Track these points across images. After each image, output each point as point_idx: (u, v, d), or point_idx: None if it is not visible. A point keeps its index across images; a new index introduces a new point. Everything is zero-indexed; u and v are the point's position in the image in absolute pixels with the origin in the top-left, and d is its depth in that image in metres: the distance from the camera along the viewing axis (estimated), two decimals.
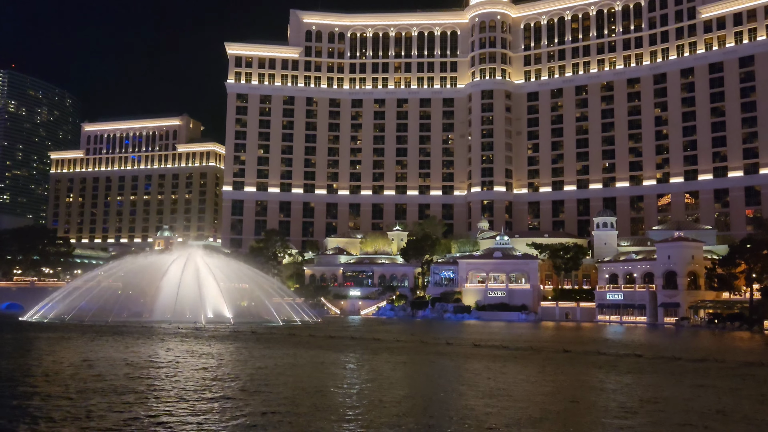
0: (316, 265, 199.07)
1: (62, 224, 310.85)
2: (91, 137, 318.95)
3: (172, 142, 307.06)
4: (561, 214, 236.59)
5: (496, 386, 44.84)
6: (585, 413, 36.18)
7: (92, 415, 32.60)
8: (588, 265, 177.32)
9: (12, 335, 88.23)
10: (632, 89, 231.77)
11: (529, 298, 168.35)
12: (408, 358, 64.38)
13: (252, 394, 40.59)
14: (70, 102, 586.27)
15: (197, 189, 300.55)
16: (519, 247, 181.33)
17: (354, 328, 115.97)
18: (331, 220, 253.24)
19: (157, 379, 46.05)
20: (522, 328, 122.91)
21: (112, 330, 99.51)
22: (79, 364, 54.26)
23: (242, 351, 70.36)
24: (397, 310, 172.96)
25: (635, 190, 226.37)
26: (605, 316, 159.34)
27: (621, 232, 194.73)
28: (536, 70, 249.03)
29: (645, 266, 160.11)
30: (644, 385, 48.24)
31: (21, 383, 43.56)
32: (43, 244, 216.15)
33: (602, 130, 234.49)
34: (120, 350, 66.94)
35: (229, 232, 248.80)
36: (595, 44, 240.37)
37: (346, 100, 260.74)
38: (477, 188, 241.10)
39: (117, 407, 34.70)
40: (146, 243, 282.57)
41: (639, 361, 64.27)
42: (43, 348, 70.49)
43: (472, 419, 33.14)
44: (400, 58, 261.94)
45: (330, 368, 55.30)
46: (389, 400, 38.95)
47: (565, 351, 73.76)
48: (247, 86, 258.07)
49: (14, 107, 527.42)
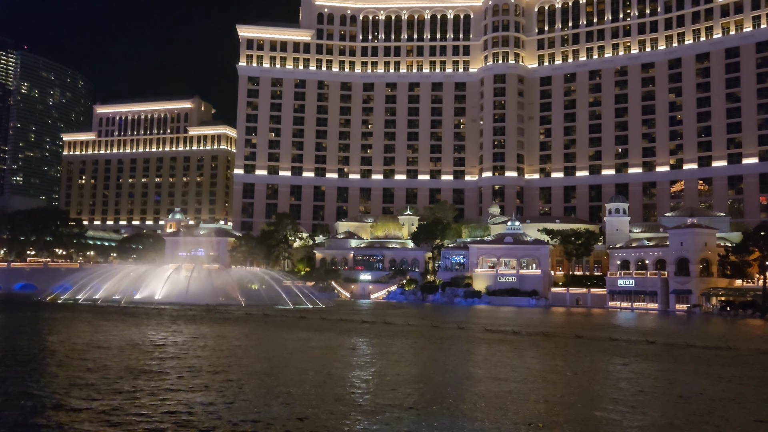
0: (326, 248, 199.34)
1: (75, 206, 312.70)
2: (103, 119, 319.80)
3: (183, 125, 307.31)
4: (573, 199, 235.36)
5: (510, 370, 44.79)
6: (598, 400, 36.06)
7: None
8: (599, 251, 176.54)
9: (29, 314, 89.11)
10: (646, 74, 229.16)
11: (540, 283, 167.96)
12: (420, 343, 64.46)
13: (265, 376, 40.74)
14: (82, 84, 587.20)
15: (208, 172, 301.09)
16: (530, 233, 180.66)
17: (365, 312, 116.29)
18: (342, 203, 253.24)
19: (167, 359, 46.33)
20: (532, 314, 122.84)
21: (125, 311, 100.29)
22: (99, 342, 54.70)
23: (254, 334, 70.74)
24: (407, 294, 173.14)
25: (648, 176, 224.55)
26: (616, 303, 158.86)
27: (633, 219, 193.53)
28: (549, 54, 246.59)
29: (657, 253, 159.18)
30: (658, 371, 48.04)
31: (36, 360, 44.00)
32: (56, 226, 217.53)
33: (615, 116, 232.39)
34: (130, 331, 67.45)
35: (240, 215, 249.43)
36: (609, 28, 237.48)
37: (357, 84, 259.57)
38: (488, 173, 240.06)
39: (127, 384, 34.95)
40: (158, 225, 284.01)
41: (652, 347, 64.04)
42: (57, 327, 71.12)
43: (487, 402, 33.11)
44: (413, 42, 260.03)
45: (342, 351, 55.43)
46: (402, 382, 38.99)
47: (577, 336, 73.63)
48: (259, 69, 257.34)
49: (27, 89, 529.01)
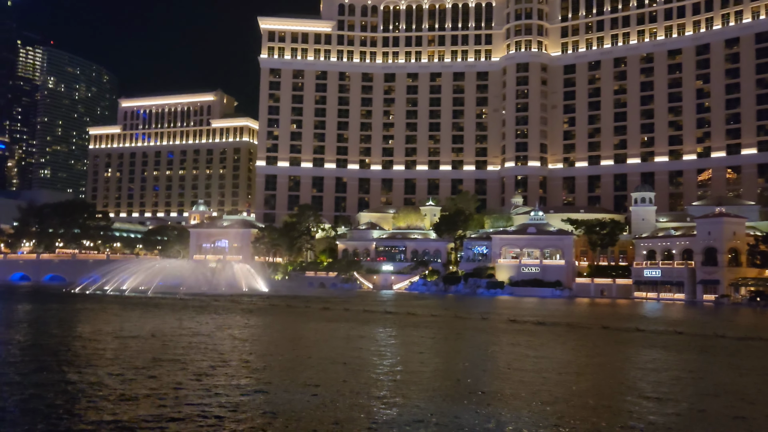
0: (348, 239, 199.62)
1: (101, 198, 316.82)
2: (128, 113, 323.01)
3: (206, 118, 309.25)
4: (597, 189, 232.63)
5: (535, 361, 44.33)
6: (626, 390, 35.48)
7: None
8: (625, 241, 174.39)
9: (59, 305, 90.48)
10: (673, 61, 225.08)
11: (564, 274, 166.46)
12: (443, 333, 64.16)
13: (290, 366, 40.78)
14: (107, 78, 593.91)
15: (231, 164, 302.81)
16: (554, 223, 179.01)
17: (388, 303, 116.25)
18: (364, 195, 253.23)
19: (191, 349, 46.60)
20: (557, 304, 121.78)
21: (151, 302, 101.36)
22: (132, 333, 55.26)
23: (278, 324, 71.02)
24: (429, 285, 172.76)
25: (675, 165, 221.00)
26: (642, 293, 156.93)
27: (659, 208, 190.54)
28: (573, 42, 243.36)
29: (684, 242, 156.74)
30: (686, 362, 47.23)
31: (62, 349, 44.53)
32: (83, 218, 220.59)
33: (641, 103, 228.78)
34: (156, 321, 68.07)
35: (262, 207, 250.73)
36: (635, 14, 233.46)
37: (378, 75, 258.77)
38: (511, 163, 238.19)
39: (153, 373, 35.17)
40: (182, 217, 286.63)
41: (679, 338, 63.03)
42: (86, 318, 72.08)
43: (513, 392, 32.76)
44: (434, 31, 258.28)
45: (365, 342, 55.34)
46: (426, 373, 38.78)
47: (603, 327, 72.78)
48: (280, 61, 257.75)
49: (53, 84, 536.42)
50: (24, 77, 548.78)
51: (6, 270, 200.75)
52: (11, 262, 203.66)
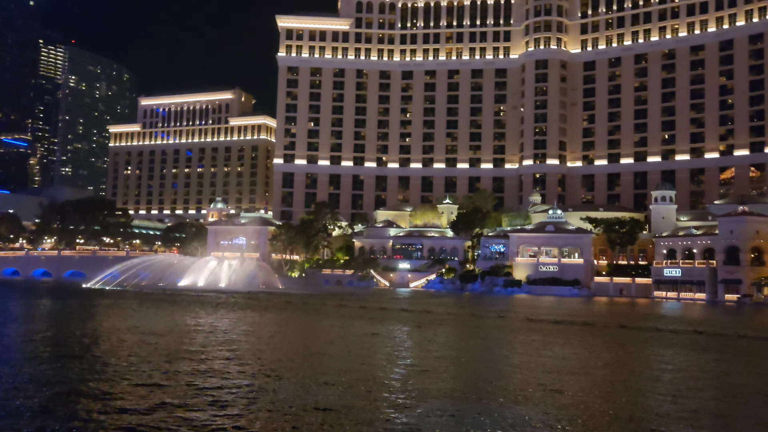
0: (365, 237, 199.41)
1: (121, 196, 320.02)
2: (147, 111, 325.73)
3: (224, 116, 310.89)
4: (617, 187, 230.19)
5: (552, 359, 43.70)
6: (643, 389, 34.78)
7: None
8: (644, 240, 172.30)
9: (80, 301, 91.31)
10: (695, 57, 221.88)
11: (582, 272, 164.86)
12: (460, 331, 63.66)
13: (306, 363, 40.58)
14: (128, 77, 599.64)
15: (249, 162, 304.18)
16: (572, 221, 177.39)
17: (404, 301, 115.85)
18: (381, 192, 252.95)
19: (209, 345, 46.59)
20: (575, 303, 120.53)
21: (169, 298, 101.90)
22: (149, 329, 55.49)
23: (294, 321, 70.94)
24: (446, 284, 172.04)
25: (696, 163, 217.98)
26: (662, 293, 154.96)
27: (680, 207, 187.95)
28: (593, 39, 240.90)
29: (705, 241, 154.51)
30: (706, 362, 46.29)
31: (76, 344, 44.74)
32: (103, 215, 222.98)
33: (662, 101, 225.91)
34: (174, 317, 68.32)
35: (279, 204, 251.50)
36: (656, 10, 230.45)
37: (396, 72, 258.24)
38: (529, 161, 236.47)
39: (170, 368, 35.12)
40: (200, 214, 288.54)
41: (699, 338, 61.91)
42: (104, 313, 72.57)
43: (530, 391, 32.24)
44: (452, 28, 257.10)
45: (381, 339, 55.01)
46: (443, 371, 38.37)
47: (621, 326, 71.77)
48: (298, 59, 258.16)
49: (75, 82, 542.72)
50: (46, 76, 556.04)
51: (28, 266, 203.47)
52: (33, 259, 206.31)
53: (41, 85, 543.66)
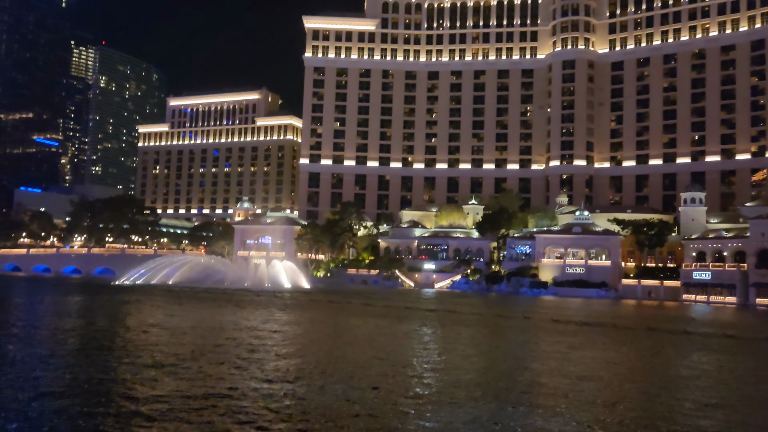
0: (390, 237, 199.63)
1: (149, 194, 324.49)
2: (176, 111, 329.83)
3: (251, 116, 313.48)
4: (645, 188, 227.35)
5: (579, 362, 43.54)
6: (670, 395, 34.54)
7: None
8: (673, 242, 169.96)
9: (110, 297, 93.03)
10: (726, 57, 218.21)
11: (609, 274, 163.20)
12: (486, 332, 63.63)
13: (334, 362, 40.98)
14: (156, 77, 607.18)
15: (275, 161, 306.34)
16: (599, 223, 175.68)
17: (429, 301, 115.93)
18: (406, 193, 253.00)
19: (239, 345, 47.24)
20: (602, 305, 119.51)
21: (197, 296, 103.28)
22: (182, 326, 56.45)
23: (319, 319, 71.50)
24: (471, 284, 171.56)
25: (727, 164, 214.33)
26: (691, 296, 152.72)
27: (710, 208, 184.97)
28: (621, 39, 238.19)
29: (736, 244, 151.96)
30: (737, 365, 45.72)
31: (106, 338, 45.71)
32: (132, 213, 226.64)
33: (692, 101, 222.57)
34: (203, 314, 69.33)
35: (305, 204, 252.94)
36: (686, 10, 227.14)
37: (422, 72, 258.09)
38: (556, 162, 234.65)
39: (198, 365, 35.76)
40: (227, 213, 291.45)
41: (730, 341, 61.08)
42: (133, 309, 73.91)
43: (558, 393, 32.24)
44: (478, 29, 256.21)
45: (409, 339, 55.24)
46: (470, 371, 38.47)
47: (649, 329, 71.10)
48: (324, 59, 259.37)
49: (105, 82, 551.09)
50: (77, 76, 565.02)
51: (59, 263, 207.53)
52: (64, 256, 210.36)
53: (72, 85, 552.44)
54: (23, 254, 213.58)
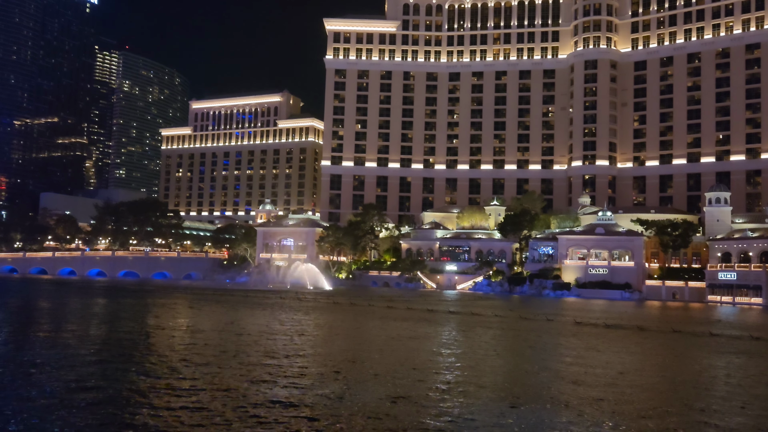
0: (412, 239, 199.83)
1: (172, 197, 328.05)
2: (198, 114, 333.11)
3: (273, 119, 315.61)
4: (669, 189, 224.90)
5: (604, 364, 43.51)
6: (696, 398, 34.47)
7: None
8: (698, 243, 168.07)
9: (136, 300, 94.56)
10: (751, 55, 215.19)
11: (633, 276, 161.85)
12: (509, 334, 63.68)
13: (359, 364, 41.42)
14: (179, 81, 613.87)
15: (297, 164, 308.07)
16: (623, 223, 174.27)
17: (452, 303, 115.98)
18: (428, 194, 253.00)
19: (250, 345, 47.88)
20: (625, 307, 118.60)
21: (221, 298, 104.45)
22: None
23: (341, 321, 72.03)
24: (494, 286, 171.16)
25: (753, 164, 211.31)
26: (716, 297, 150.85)
27: (735, 209, 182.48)
28: (644, 38, 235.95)
29: (762, 244, 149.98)
30: (764, 369, 45.35)
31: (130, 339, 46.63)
32: (155, 216, 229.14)
33: (716, 100, 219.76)
34: (227, 316, 70.21)
35: (327, 206, 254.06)
36: (710, 8, 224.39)
37: (443, 74, 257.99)
38: (578, 162, 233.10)
39: (222, 364, 36.43)
40: (249, 216, 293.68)
41: (756, 344, 60.47)
42: (159, 311, 75.10)
43: (583, 395, 32.35)
44: (499, 29, 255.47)
45: (432, 341, 55.51)
46: (494, 373, 38.70)
47: (674, 331, 70.59)
48: (345, 62, 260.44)
49: (128, 87, 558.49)
50: (101, 81, 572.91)
51: (84, 266, 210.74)
52: (89, 259, 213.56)
53: (96, 90, 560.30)
54: (49, 257, 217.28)
